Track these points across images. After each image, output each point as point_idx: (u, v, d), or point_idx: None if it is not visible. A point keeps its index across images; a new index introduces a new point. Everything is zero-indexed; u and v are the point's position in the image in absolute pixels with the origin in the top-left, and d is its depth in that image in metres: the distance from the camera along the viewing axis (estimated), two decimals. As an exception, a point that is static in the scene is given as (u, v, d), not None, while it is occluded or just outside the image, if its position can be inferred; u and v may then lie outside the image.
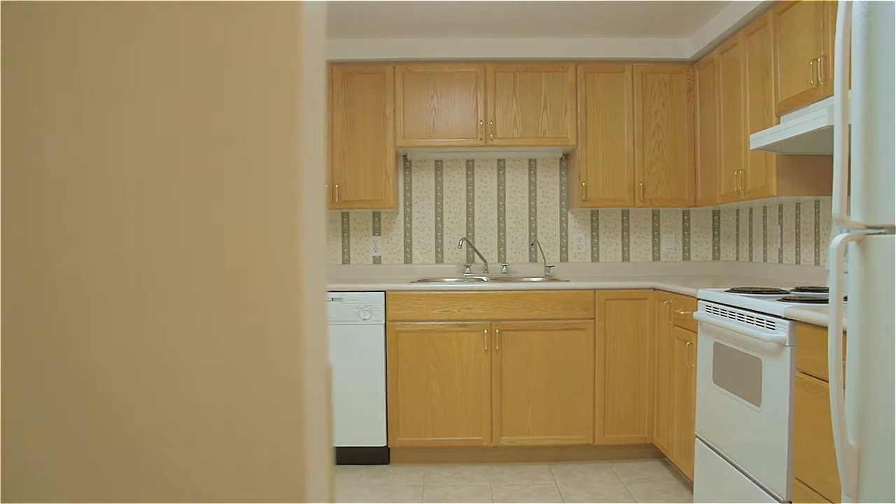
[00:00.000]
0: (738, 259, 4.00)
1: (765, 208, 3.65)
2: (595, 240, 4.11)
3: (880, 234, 1.35)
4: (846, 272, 1.49)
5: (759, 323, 2.27)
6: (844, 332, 1.49)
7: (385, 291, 3.46)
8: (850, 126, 1.39)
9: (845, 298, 1.49)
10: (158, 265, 0.40)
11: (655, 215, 4.12)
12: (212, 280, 0.40)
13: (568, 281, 3.59)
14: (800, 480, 2.04)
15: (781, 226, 3.47)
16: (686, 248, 4.13)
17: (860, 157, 1.37)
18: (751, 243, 3.83)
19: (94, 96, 0.39)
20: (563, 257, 4.11)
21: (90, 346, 0.39)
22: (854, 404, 1.40)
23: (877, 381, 1.34)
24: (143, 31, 0.38)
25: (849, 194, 1.43)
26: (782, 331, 2.13)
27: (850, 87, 1.38)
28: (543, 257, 4.05)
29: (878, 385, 1.34)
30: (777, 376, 2.16)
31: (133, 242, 0.39)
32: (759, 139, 2.65)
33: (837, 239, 1.35)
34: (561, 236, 4.11)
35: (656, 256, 4.12)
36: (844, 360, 1.48)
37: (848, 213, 1.37)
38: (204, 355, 0.40)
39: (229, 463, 0.39)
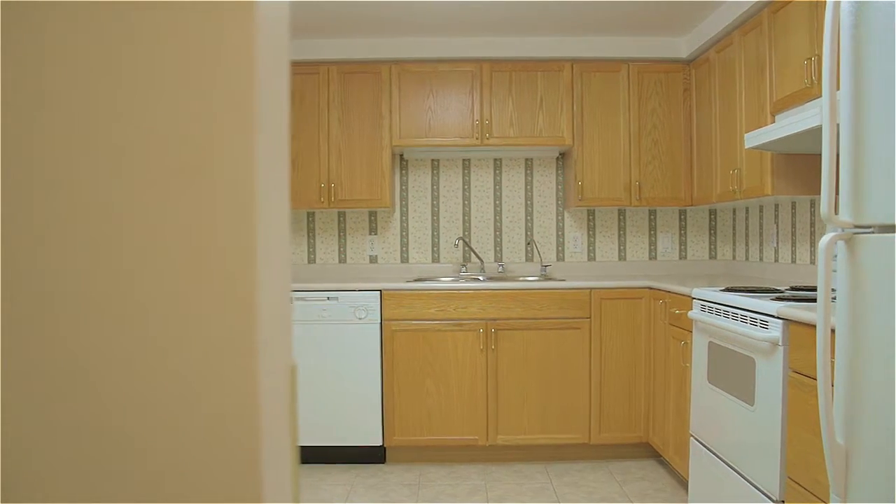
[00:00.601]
0: (734, 258, 4.00)
1: (761, 207, 3.65)
2: (591, 239, 4.11)
3: (869, 233, 1.35)
4: (836, 271, 1.48)
5: (753, 322, 2.27)
6: (834, 331, 1.49)
7: (380, 291, 3.46)
8: (838, 125, 1.39)
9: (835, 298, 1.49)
10: (110, 263, 0.39)
11: (652, 214, 4.11)
12: (165, 279, 0.40)
13: (563, 280, 3.59)
14: (792, 480, 2.04)
15: (777, 225, 3.47)
16: (683, 247, 4.13)
17: (849, 157, 1.37)
18: (747, 242, 3.83)
19: (43, 96, 0.39)
20: (560, 256, 4.11)
21: (35, 340, 0.39)
22: (842, 404, 1.40)
23: (865, 380, 1.34)
24: (93, 30, 0.38)
25: (838, 193, 1.43)
26: (775, 330, 2.13)
27: (838, 87, 1.38)
28: (539, 256, 4.05)
29: (867, 384, 1.34)
30: (770, 375, 2.16)
31: (83, 241, 0.39)
32: (754, 138, 2.65)
33: (826, 238, 1.35)
34: (557, 235, 4.11)
35: (653, 256, 4.12)
36: (833, 359, 1.48)
37: (837, 212, 1.37)
38: (156, 354, 0.40)
39: (184, 463, 0.39)
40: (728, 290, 2.65)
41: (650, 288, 3.45)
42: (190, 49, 0.38)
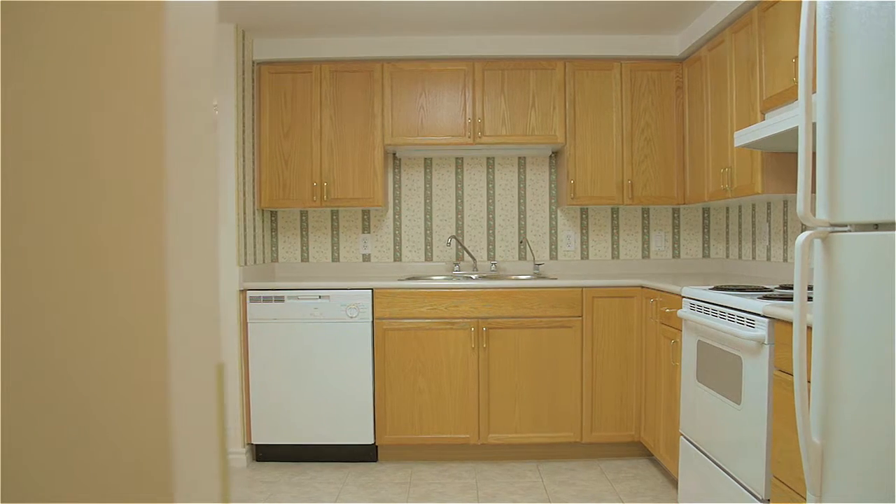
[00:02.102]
0: (727, 257, 4.00)
1: (753, 206, 3.65)
2: (585, 237, 4.11)
3: (845, 231, 1.35)
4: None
5: (740, 321, 2.27)
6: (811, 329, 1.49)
7: (372, 289, 3.46)
8: (814, 125, 1.39)
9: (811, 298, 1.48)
10: (12, 259, 0.39)
11: (645, 213, 4.11)
12: (66, 276, 0.39)
13: (555, 279, 3.58)
14: (777, 479, 2.04)
15: (769, 223, 3.46)
16: (676, 245, 4.12)
17: (824, 157, 1.37)
18: (740, 241, 3.82)
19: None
20: (553, 255, 4.11)
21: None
22: (819, 402, 1.39)
23: (840, 378, 1.34)
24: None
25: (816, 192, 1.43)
26: (761, 329, 2.13)
27: (814, 87, 1.38)
28: (532, 255, 4.05)
29: (842, 383, 1.33)
30: (756, 374, 2.15)
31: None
32: (743, 136, 2.64)
33: (802, 236, 1.35)
34: (550, 234, 4.11)
35: (646, 254, 4.11)
36: (810, 357, 1.47)
37: (813, 211, 1.37)
38: (64, 354, 0.40)
39: (93, 461, 0.39)
40: (717, 288, 2.65)
41: (642, 287, 3.45)
42: (93, 47, 0.38)
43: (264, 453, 3.56)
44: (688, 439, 2.75)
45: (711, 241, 4.13)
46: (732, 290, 2.57)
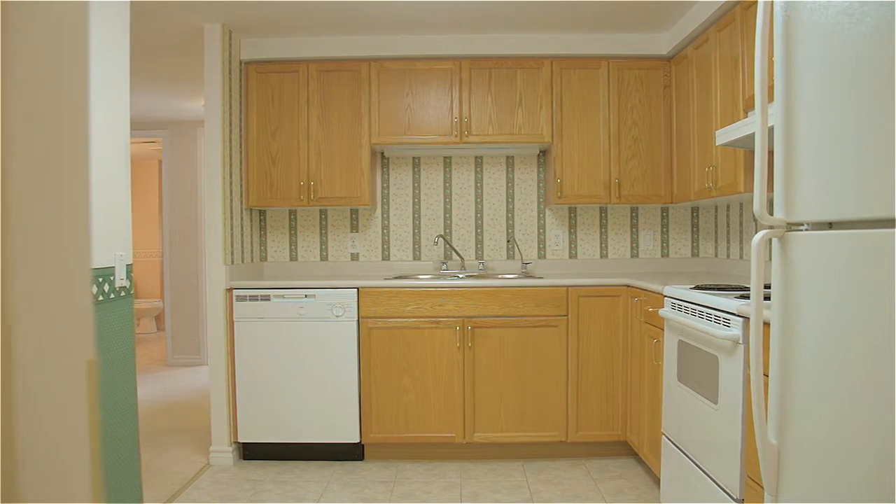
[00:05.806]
0: (716, 256, 3.99)
1: (741, 205, 3.64)
2: (573, 237, 4.10)
3: (800, 230, 1.34)
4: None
5: (717, 320, 2.27)
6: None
7: (358, 288, 3.46)
8: (771, 128, 1.38)
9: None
10: None
11: (634, 212, 4.10)
12: None
13: (542, 278, 3.58)
14: (751, 479, 2.04)
15: (756, 222, 3.45)
16: (665, 244, 4.11)
17: (781, 156, 1.36)
18: (728, 240, 3.81)
19: None
20: (541, 254, 4.10)
21: None
22: (775, 401, 1.39)
23: (796, 378, 1.33)
24: None
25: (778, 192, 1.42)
26: (736, 328, 2.12)
27: (771, 88, 1.37)
28: (520, 254, 4.05)
29: (797, 382, 1.33)
30: (732, 374, 2.15)
31: None
32: (724, 135, 2.64)
33: (758, 235, 1.35)
34: (538, 233, 4.10)
35: (635, 253, 4.11)
36: (767, 356, 1.47)
37: (771, 211, 1.36)
38: None
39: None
40: (697, 287, 2.64)
41: (628, 286, 3.44)
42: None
43: (251, 451, 3.57)
44: (669, 439, 2.74)
45: (700, 240, 4.12)
46: (713, 289, 2.57)
